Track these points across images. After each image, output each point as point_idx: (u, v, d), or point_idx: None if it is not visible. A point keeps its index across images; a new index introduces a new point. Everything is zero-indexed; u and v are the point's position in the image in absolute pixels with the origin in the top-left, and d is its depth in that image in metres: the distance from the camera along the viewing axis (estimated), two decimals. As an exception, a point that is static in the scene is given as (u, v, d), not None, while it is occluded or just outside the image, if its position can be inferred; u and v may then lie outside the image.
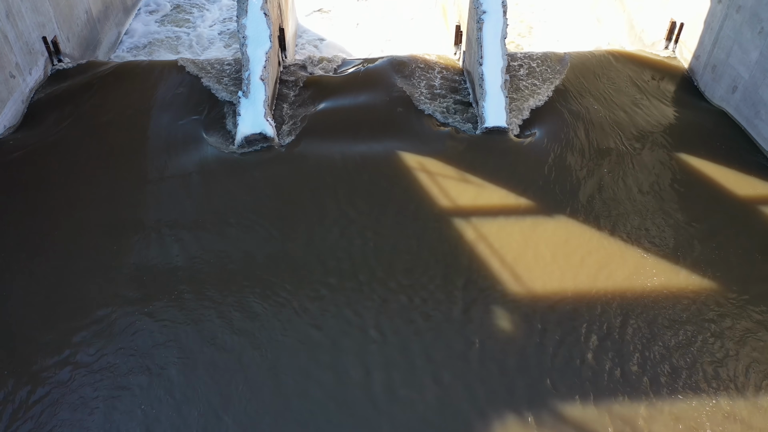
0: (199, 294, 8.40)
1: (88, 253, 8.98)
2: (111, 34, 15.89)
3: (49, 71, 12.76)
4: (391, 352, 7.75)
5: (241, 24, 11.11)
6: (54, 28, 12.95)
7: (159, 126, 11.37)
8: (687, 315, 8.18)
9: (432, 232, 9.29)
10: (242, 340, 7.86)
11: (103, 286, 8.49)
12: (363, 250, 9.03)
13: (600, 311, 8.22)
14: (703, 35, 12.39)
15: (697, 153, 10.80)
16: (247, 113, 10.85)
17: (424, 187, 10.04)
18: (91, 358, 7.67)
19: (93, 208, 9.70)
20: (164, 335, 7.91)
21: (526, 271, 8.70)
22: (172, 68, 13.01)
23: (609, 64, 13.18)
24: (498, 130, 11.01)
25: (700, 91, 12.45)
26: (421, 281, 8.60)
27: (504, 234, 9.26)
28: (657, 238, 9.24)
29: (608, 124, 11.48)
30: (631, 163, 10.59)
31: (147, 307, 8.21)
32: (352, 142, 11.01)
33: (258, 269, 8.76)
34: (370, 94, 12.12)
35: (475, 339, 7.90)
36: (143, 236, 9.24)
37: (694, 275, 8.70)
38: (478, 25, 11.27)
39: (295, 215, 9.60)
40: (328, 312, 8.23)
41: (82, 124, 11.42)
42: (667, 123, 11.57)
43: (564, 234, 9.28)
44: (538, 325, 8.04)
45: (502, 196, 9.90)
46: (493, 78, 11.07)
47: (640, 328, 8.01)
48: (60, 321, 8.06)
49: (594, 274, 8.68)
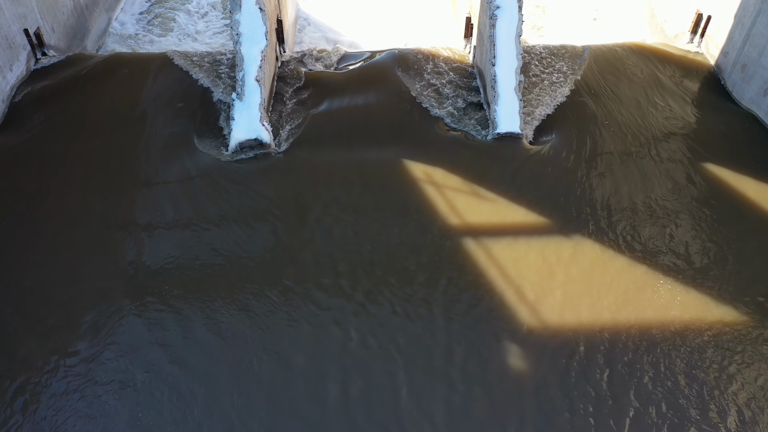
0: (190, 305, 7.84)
1: (71, 262, 8.50)
2: (101, 20, 15.01)
3: (32, 66, 11.96)
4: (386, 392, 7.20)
5: (235, 20, 10.27)
6: (37, 18, 12.12)
7: (148, 128, 10.62)
8: (714, 353, 7.56)
9: (438, 255, 8.61)
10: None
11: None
12: (363, 280, 8.38)
13: (625, 347, 7.60)
14: (733, 30, 11.49)
15: (726, 162, 10.05)
16: (242, 117, 10.10)
17: (431, 202, 9.32)
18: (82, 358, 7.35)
19: (78, 216, 9.10)
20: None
21: (544, 301, 8.04)
22: (163, 62, 12.19)
23: (630, 60, 12.31)
24: (511, 136, 10.24)
25: (727, 91, 11.60)
26: (421, 313, 7.97)
27: (519, 257, 8.57)
28: (685, 263, 8.54)
29: (629, 128, 10.70)
30: (654, 174, 9.83)
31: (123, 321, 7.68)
32: (353, 148, 10.27)
33: (250, 290, 8.16)
34: (372, 94, 11.31)
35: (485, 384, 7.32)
36: (128, 245, 8.76)
37: (727, 306, 8.03)
38: (491, 21, 10.40)
39: (289, 230, 8.94)
40: (322, 338, 7.68)
41: (66, 125, 10.69)
42: (692, 127, 10.77)
43: (585, 257, 8.59)
44: (562, 360, 7.45)
45: (516, 213, 9.17)
46: (507, 80, 10.25)
47: (674, 369, 7.40)
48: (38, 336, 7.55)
49: (618, 305, 8.01)
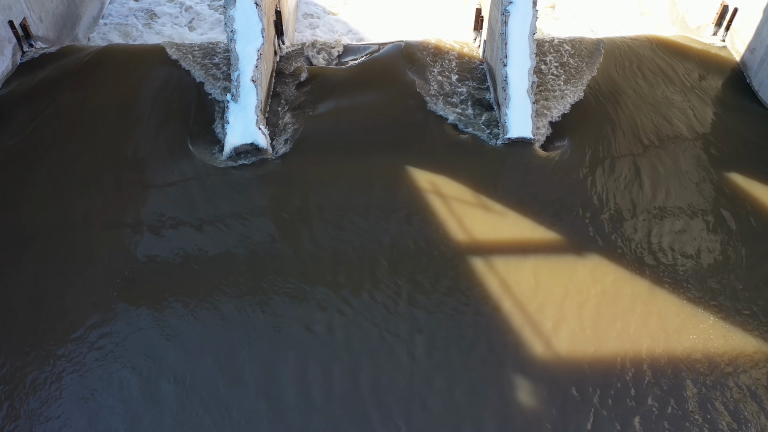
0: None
1: (63, 267, 8.17)
2: (92, 6, 14.30)
3: (18, 60, 11.37)
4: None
5: (229, 15, 9.62)
6: (23, 8, 11.47)
7: (140, 130, 10.06)
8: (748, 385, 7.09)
9: (444, 272, 8.13)
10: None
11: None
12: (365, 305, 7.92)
13: (641, 378, 7.14)
14: (762, 26, 10.74)
15: (753, 169, 9.45)
16: (237, 121, 9.53)
17: (436, 213, 8.78)
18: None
19: (67, 225, 8.67)
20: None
21: (560, 328, 7.56)
22: (157, 55, 11.57)
23: (648, 54, 11.61)
24: (522, 141, 9.65)
25: (753, 90, 10.91)
26: (428, 338, 7.52)
27: (527, 277, 8.07)
28: (710, 285, 8.00)
29: (647, 132, 10.07)
30: (675, 185, 9.24)
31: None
32: (353, 153, 9.69)
33: (245, 299, 7.71)
34: (376, 92, 10.67)
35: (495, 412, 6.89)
36: (120, 250, 8.39)
37: (756, 336, 7.54)
38: (503, 17, 9.71)
39: (285, 243, 8.46)
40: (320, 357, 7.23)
41: (55, 125, 10.15)
42: (715, 130, 10.14)
43: (600, 278, 8.08)
44: (573, 391, 7.00)
45: (527, 227, 8.64)
46: (519, 81, 9.61)
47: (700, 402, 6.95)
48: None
49: (634, 332, 7.53)
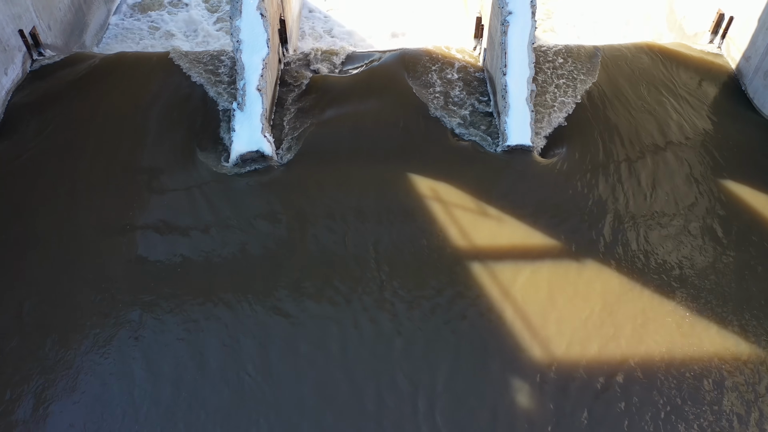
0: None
1: (69, 272, 8.41)
2: (99, 13, 14.58)
3: (29, 68, 11.63)
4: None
5: (235, 26, 9.86)
6: (32, 17, 11.73)
7: (147, 138, 10.31)
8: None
9: (444, 278, 8.36)
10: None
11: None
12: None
13: (641, 380, 7.36)
14: (757, 34, 10.95)
15: (747, 177, 9.65)
16: (243, 128, 9.77)
17: (437, 219, 9.02)
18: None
19: (77, 231, 8.91)
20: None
21: (555, 335, 7.78)
22: (164, 63, 11.82)
23: (646, 62, 11.82)
24: (521, 148, 9.87)
25: (748, 98, 11.13)
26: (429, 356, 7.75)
27: (527, 283, 8.29)
28: (709, 293, 8.20)
29: (645, 139, 10.28)
30: (671, 190, 9.46)
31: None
32: (357, 160, 9.91)
33: (251, 311, 7.96)
34: (378, 100, 10.91)
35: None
36: (125, 254, 8.63)
37: (755, 342, 7.75)
38: (503, 27, 9.94)
39: (290, 248, 8.70)
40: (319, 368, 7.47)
41: (65, 133, 10.39)
42: (710, 137, 10.34)
43: (600, 284, 8.30)
44: (573, 395, 7.22)
45: (526, 233, 8.87)
46: (518, 90, 9.84)
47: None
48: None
49: (634, 337, 7.74)
